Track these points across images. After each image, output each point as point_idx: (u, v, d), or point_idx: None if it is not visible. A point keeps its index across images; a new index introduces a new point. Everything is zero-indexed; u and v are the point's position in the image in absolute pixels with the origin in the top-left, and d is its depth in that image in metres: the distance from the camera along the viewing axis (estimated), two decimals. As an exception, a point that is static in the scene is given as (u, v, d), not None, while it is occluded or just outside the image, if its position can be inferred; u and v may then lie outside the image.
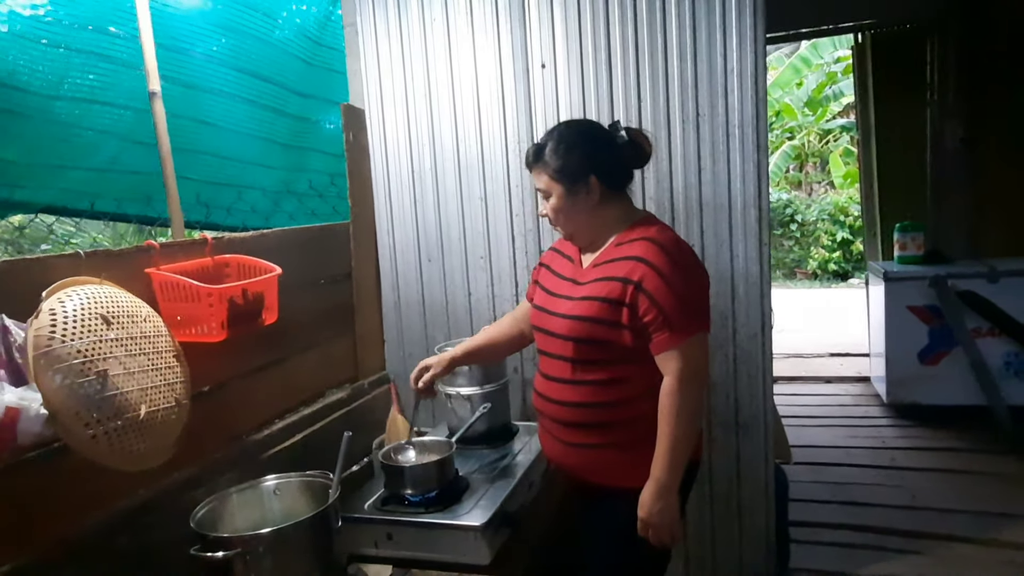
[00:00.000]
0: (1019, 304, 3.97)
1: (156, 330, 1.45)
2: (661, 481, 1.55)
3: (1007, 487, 3.35)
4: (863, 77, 5.11)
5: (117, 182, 2.25)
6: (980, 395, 4.05)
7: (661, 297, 1.53)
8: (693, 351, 1.55)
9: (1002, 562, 2.71)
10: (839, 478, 3.58)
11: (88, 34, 1.98)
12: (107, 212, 2.27)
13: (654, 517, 1.56)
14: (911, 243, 4.43)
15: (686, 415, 1.54)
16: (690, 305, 1.56)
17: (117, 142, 2.15)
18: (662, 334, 1.54)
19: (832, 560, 2.80)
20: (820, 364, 5.84)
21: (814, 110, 12.01)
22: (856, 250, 10.77)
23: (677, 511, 1.58)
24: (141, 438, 1.31)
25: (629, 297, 1.56)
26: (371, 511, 1.81)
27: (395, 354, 2.74)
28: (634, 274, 1.57)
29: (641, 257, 1.58)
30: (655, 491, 1.56)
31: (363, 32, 2.60)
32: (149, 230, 5.49)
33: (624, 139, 1.67)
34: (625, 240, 1.65)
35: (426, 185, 2.61)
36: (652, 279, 1.54)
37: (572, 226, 1.71)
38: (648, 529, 1.59)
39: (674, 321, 1.53)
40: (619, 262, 1.61)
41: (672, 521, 1.58)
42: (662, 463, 1.55)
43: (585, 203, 1.66)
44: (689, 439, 1.57)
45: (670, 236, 1.64)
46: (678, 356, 1.54)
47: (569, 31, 2.35)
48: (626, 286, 1.57)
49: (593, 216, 1.68)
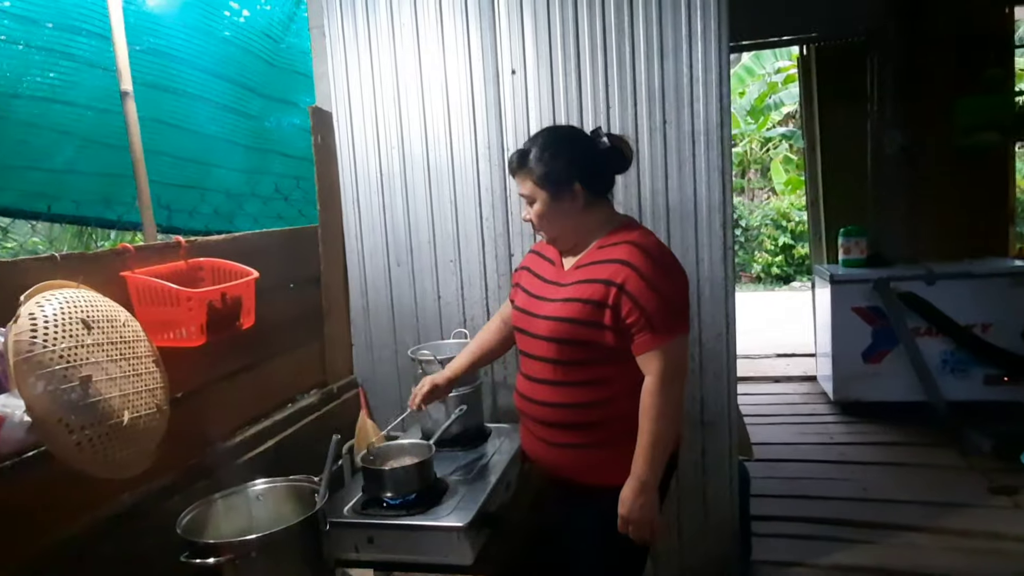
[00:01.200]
0: (954, 305, 4.20)
1: (135, 335, 1.42)
2: (642, 479, 1.59)
3: (948, 477, 3.54)
4: (808, 88, 5.33)
5: (76, 184, 2.18)
6: (920, 391, 4.26)
7: (644, 299, 1.57)
8: (674, 352, 1.60)
9: (948, 548, 2.87)
10: (792, 473, 3.71)
11: (49, 31, 1.92)
12: (66, 215, 2.20)
13: (635, 514, 1.60)
14: (855, 247, 4.63)
15: (667, 414, 1.59)
16: (671, 307, 1.60)
17: (77, 143, 2.08)
18: (644, 335, 1.59)
19: (791, 552, 2.91)
20: (768, 364, 6.03)
21: (756, 119, 12.41)
22: (798, 254, 11.18)
23: (657, 508, 1.63)
24: (124, 445, 1.28)
25: (612, 299, 1.60)
26: (351, 515, 1.80)
27: (363, 358, 2.72)
28: (617, 276, 1.60)
29: (624, 260, 1.62)
30: (636, 488, 1.59)
31: (330, 34, 2.58)
32: (89, 232, 5.27)
33: (606, 145, 1.71)
34: (608, 243, 1.69)
35: (395, 189, 2.60)
36: (635, 281, 1.58)
37: (555, 231, 1.74)
38: (628, 526, 1.62)
39: (656, 322, 1.57)
40: (602, 264, 1.65)
41: (652, 518, 1.61)
42: (643, 461, 1.59)
43: (569, 209, 1.69)
44: (669, 437, 1.61)
45: (652, 240, 1.68)
46: (660, 356, 1.58)
47: (539, 38, 2.39)
48: (609, 288, 1.61)
49: (576, 221, 1.71)
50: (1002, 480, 3.39)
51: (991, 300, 4.19)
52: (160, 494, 1.60)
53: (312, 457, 2.09)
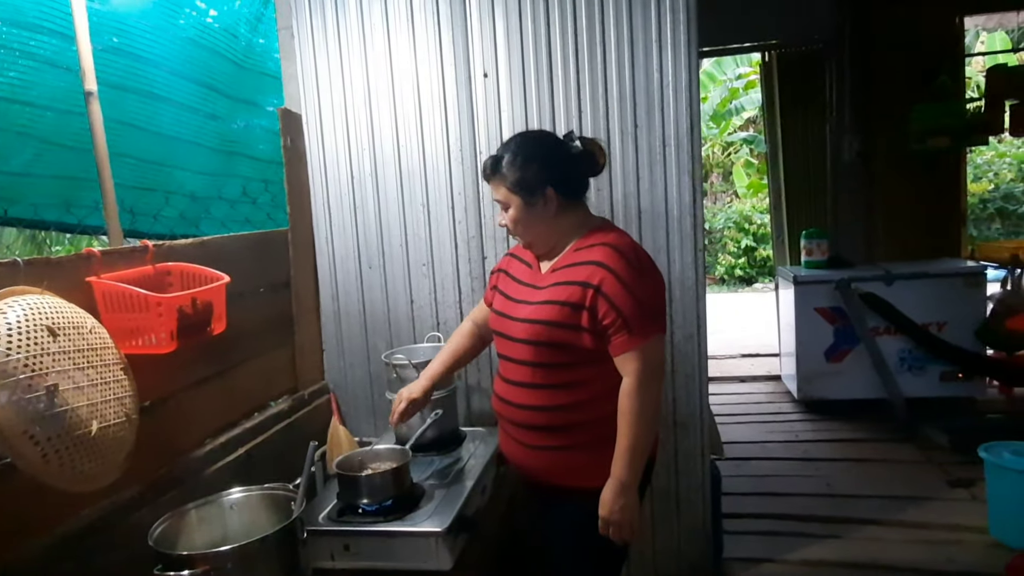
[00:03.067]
0: (912, 304, 4.33)
1: (102, 342, 1.38)
2: (622, 480, 1.60)
3: (908, 471, 3.65)
4: (770, 93, 5.45)
5: (35, 187, 2.10)
6: (880, 389, 4.38)
7: (620, 301, 1.58)
8: (651, 353, 1.61)
9: (910, 541, 2.95)
10: (760, 471, 3.78)
11: (5, 29, 1.84)
12: (24, 219, 2.12)
13: (615, 515, 1.61)
14: (816, 249, 4.74)
15: (645, 415, 1.60)
16: (648, 308, 1.61)
17: (37, 145, 2.01)
18: (621, 336, 1.59)
19: (760, 548, 2.96)
20: (733, 364, 6.13)
21: (718, 123, 12.62)
22: (760, 256, 11.39)
23: (637, 509, 1.64)
24: (93, 456, 1.24)
25: (589, 301, 1.61)
26: (327, 523, 1.78)
27: (334, 364, 2.69)
28: (594, 278, 1.61)
29: (600, 262, 1.62)
30: (616, 490, 1.60)
31: (299, 35, 2.55)
32: (43, 237, 5.10)
33: (579, 149, 1.72)
34: (584, 245, 1.69)
35: (366, 192, 2.58)
36: (611, 283, 1.59)
37: (531, 235, 1.74)
38: (609, 527, 1.63)
39: (632, 324, 1.58)
40: (579, 267, 1.66)
41: (632, 518, 1.62)
42: (622, 462, 1.60)
43: (543, 213, 1.69)
44: (648, 438, 1.62)
45: (628, 241, 1.69)
46: (637, 358, 1.59)
47: (511, 41, 2.40)
48: (586, 290, 1.61)
49: (551, 225, 1.72)
50: (959, 473, 3.51)
51: (946, 299, 4.33)
52: (129, 506, 1.55)
53: (284, 465, 2.06)
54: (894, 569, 2.76)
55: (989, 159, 10.92)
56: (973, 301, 4.34)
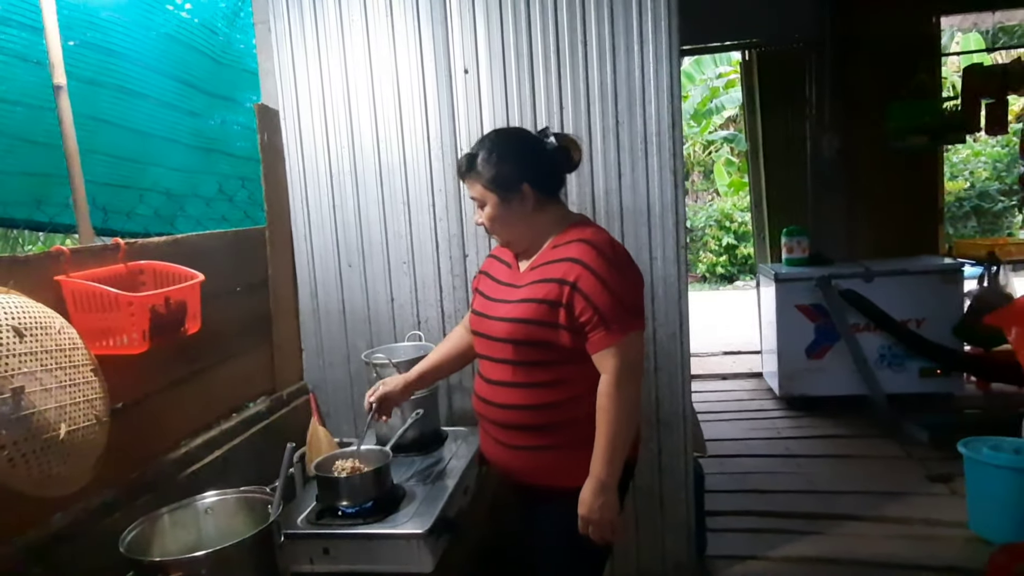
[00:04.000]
0: (891, 301, 4.37)
1: (71, 342, 1.34)
2: (601, 478, 1.58)
3: (888, 467, 3.68)
4: (750, 92, 5.47)
5: (3, 184, 2.05)
6: (860, 385, 4.42)
7: (596, 297, 1.57)
8: (629, 349, 1.59)
9: (890, 536, 2.97)
10: (742, 468, 3.80)
11: (-30, 21, 1.80)
12: (-9, 217, 2.06)
13: (595, 514, 1.59)
14: (797, 246, 4.78)
15: (624, 412, 1.58)
16: (625, 304, 1.59)
17: (6, 141, 1.96)
18: (598, 333, 1.58)
19: (743, 545, 2.97)
20: (715, 362, 6.16)
21: (699, 122, 12.68)
22: (741, 254, 11.47)
23: (617, 507, 1.62)
24: (62, 460, 1.20)
25: (566, 297, 1.59)
26: (305, 526, 1.74)
27: (314, 363, 2.65)
28: (570, 275, 1.60)
29: (576, 258, 1.61)
30: (595, 488, 1.58)
31: (276, 30, 2.51)
32: (16, 236, 5.00)
33: (553, 145, 1.71)
34: (561, 242, 1.68)
35: (346, 189, 2.54)
36: (587, 279, 1.58)
37: (508, 233, 1.73)
38: (589, 526, 1.61)
39: (609, 320, 1.57)
40: (555, 264, 1.64)
41: (612, 517, 1.61)
42: (601, 460, 1.58)
43: (519, 210, 1.68)
44: (627, 436, 1.61)
45: (605, 237, 1.68)
46: (614, 354, 1.57)
47: (491, 37, 2.38)
48: (562, 287, 1.60)
49: (528, 222, 1.70)
50: (938, 468, 3.54)
51: (924, 296, 4.38)
52: (100, 511, 1.51)
53: (262, 467, 2.03)
54: (875, 564, 2.77)
55: (965, 158, 11.11)
56: (950, 298, 4.39)
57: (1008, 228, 10.51)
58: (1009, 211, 10.69)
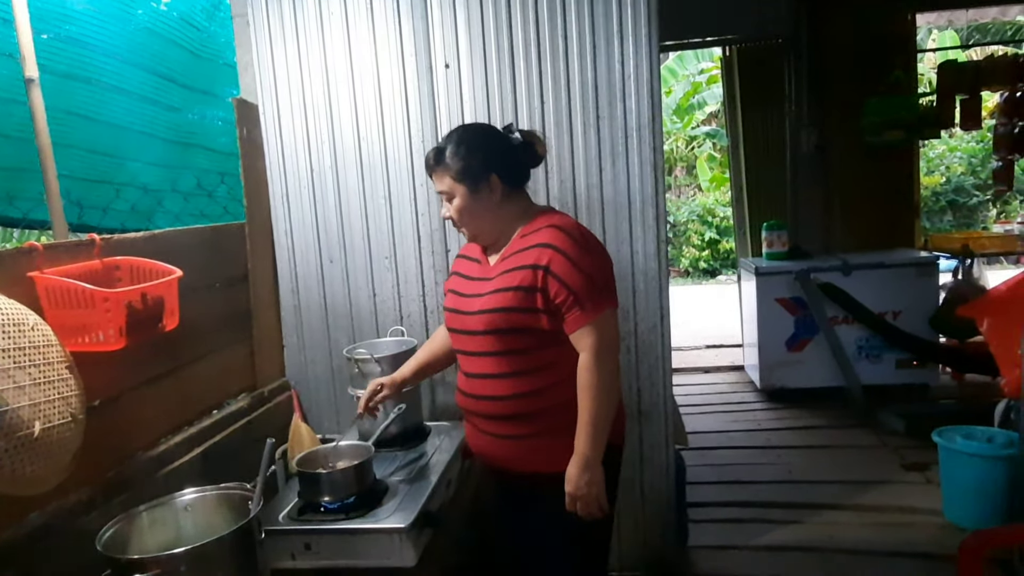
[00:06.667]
0: (868, 294, 4.43)
1: (46, 339, 1.32)
2: (585, 454, 1.60)
3: (865, 456, 3.74)
4: (731, 87, 5.51)
5: (-26, 179, 2.01)
6: (839, 377, 4.48)
7: (569, 277, 1.60)
8: (605, 326, 1.62)
9: (868, 524, 3.02)
10: (723, 460, 3.83)
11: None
12: (-37, 213, 2.02)
13: (581, 490, 1.61)
14: (777, 240, 4.82)
15: (604, 388, 1.61)
16: (597, 282, 1.63)
17: (-25, 135, 1.92)
18: (574, 313, 1.61)
19: (724, 535, 3.00)
20: (697, 355, 6.20)
21: (681, 118, 12.74)
22: (723, 248, 11.55)
23: (603, 483, 1.63)
24: (36, 458, 1.19)
25: (540, 281, 1.62)
26: (287, 522, 1.74)
27: (295, 360, 2.63)
28: (542, 259, 1.62)
29: (546, 243, 1.64)
30: (580, 465, 1.60)
31: (255, 23, 2.49)
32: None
33: (519, 140, 1.75)
34: (530, 231, 1.71)
35: (326, 184, 2.53)
36: (559, 261, 1.61)
37: (476, 226, 1.75)
38: (576, 503, 1.63)
39: (584, 299, 1.60)
40: (526, 251, 1.67)
41: (599, 493, 1.62)
42: (585, 436, 1.61)
43: (488, 202, 1.71)
44: (609, 412, 1.63)
45: (571, 221, 1.73)
46: (591, 332, 1.61)
47: (472, 31, 2.37)
48: (536, 272, 1.62)
49: (496, 214, 1.73)
50: (914, 457, 3.60)
51: (901, 289, 4.44)
52: (77, 510, 1.49)
53: (242, 465, 2.01)
54: (852, 551, 2.82)
55: (941, 153, 11.27)
56: (926, 290, 4.46)
57: (983, 222, 10.68)
58: (984, 205, 10.87)
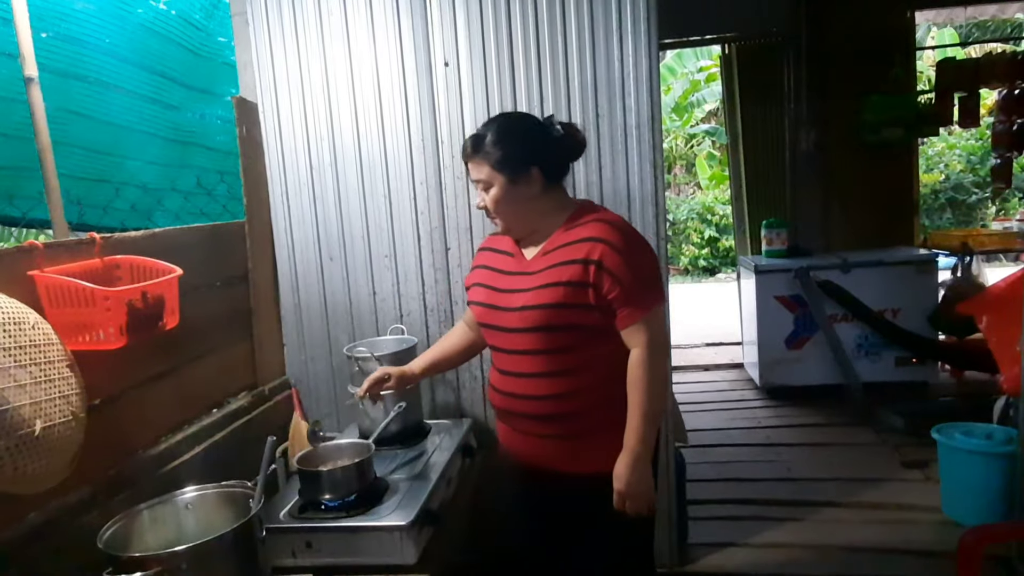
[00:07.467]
0: (868, 291, 4.43)
1: (46, 338, 1.32)
2: (636, 451, 1.58)
3: (863, 454, 3.74)
4: (730, 85, 5.50)
5: (-26, 179, 2.01)
6: (838, 374, 4.48)
7: (621, 273, 1.58)
8: (656, 322, 1.61)
9: (866, 521, 3.03)
10: (723, 457, 3.84)
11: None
12: (-38, 212, 2.03)
13: (631, 487, 1.58)
14: (776, 238, 4.82)
15: (656, 384, 1.59)
16: (648, 278, 1.62)
17: (-26, 134, 1.92)
18: (626, 309, 1.59)
19: (723, 533, 3.00)
20: (697, 353, 6.20)
21: (680, 116, 12.73)
22: (723, 247, 11.54)
23: (652, 480, 1.62)
24: (37, 457, 1.19)
25: (592, 277, 1.59)
26: (287, 520, 1.75)
27: (295, 358, 2.64)
28: (593, 253, 1.60)
29: (596, 237, 1.61)
30: (630, 462, 1.58)
31: (254, 22, 2.49)
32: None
33: (559, 132, 1.70)
34: (574, 225, 1.67)
35: (326, 182, 2.53)
36: (611, 256, 1.58)
37: (511, 217, 1.70)
38: (625, 501, 1.60)
39: (636, 295, 1.59)
40: (574, 245, 1.63)
41: (648, 490, 1.61)
42: (636, 433, 1.58)
43: (526, 193, 1.67)
44: (660, 408, 1.62)
45: (617, 216, 1.71)
46: (644, 328, 1.59)
47: (472, 30, 2.37)
48: (587, 266, 1.59)
49: (532, 207, 1.69)
50: (913, 455, 3.60)
51: (900, 286, 4.44)
52: (78, 508, 1.50)
53: (243, 463, 2.01)
54: (851, 549, 2.82)
55: (940, 151, 11.27)
56: (925, 288, 4.46)
57: (982, 219, 10.68)
58: (983, 203, 10.87)
